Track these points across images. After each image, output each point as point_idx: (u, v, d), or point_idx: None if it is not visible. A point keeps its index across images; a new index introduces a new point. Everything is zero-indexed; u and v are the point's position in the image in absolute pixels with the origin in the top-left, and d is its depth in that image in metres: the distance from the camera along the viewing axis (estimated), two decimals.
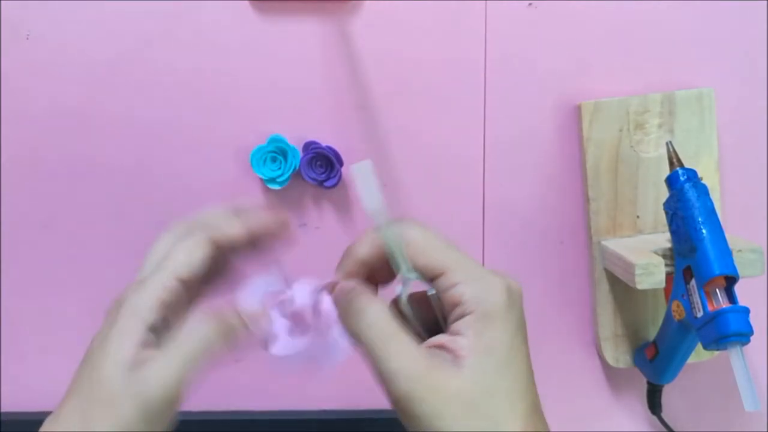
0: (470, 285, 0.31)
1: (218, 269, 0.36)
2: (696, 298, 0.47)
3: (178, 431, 0.32)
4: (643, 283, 0.50)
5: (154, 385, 0.30)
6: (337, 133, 0.56)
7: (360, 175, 0.33)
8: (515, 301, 0.32)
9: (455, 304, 0.31)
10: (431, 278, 0.32)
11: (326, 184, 0.55)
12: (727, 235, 0.48)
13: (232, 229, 0.35)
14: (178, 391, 0.31)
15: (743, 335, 0.45)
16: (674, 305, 0.50)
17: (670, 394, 0.59)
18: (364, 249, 0.34)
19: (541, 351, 0.59)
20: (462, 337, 0.30)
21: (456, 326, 0.31)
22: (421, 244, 0.32)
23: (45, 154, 0.57)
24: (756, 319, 0.46)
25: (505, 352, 0.30)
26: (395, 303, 0.34)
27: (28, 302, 0.60)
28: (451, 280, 0.31)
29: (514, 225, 0.58)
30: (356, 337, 0.32)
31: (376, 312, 0.32)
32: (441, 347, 0.31)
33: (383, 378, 0.30)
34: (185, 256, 0.33)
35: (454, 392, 0.29)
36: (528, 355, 0.31)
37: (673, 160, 0.51)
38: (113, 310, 0.32)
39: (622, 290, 0.57)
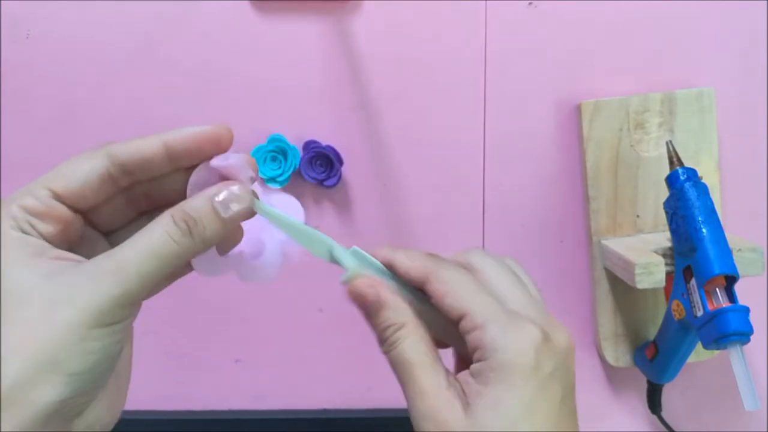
0: (490, 329, 0.29)
1: (138, 199, 0.31)
2: (696, 297, 0.47)
3: (179, 431, 0.31)
4: (643, 282, 0.50)
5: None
6: (337, 133, 0.56)
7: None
8: (552, 354, 0.29)
9: (475, 348, 0.30)
10: (456, 321, 0.31)
11: (326, 183, 0.55)
12: (727, 235, 0.48)
13: (142, 141, 0.29)
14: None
15: (743, 334, 0.45)
16: (674, 305, 0.50)
17: (670, 394, 0.59)
18: (403, 258, 0.32)
19: None
20: (475, 382, 0.29)
21: (473, 367, 0.30)
22: (449, 285, 0.31)
23: (45, 153, 0.57)
24: (756, 319, 0.46)
25: (514, 410, 0.28)
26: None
27: None
28: (473, 322, 0.30)
29: (514, 224, 0.58)
30: (389, 353, 0.31)
31: (414, 340, 0.31)
32: (462, 383, 0.30)
33: (406, 399, 0.30)
34: (66, 167, 0.28)
35: None
36: (553, 415, 0.29)
37: (673, 159, 0.51)
38: None
39: (622, 290, 0.57)
